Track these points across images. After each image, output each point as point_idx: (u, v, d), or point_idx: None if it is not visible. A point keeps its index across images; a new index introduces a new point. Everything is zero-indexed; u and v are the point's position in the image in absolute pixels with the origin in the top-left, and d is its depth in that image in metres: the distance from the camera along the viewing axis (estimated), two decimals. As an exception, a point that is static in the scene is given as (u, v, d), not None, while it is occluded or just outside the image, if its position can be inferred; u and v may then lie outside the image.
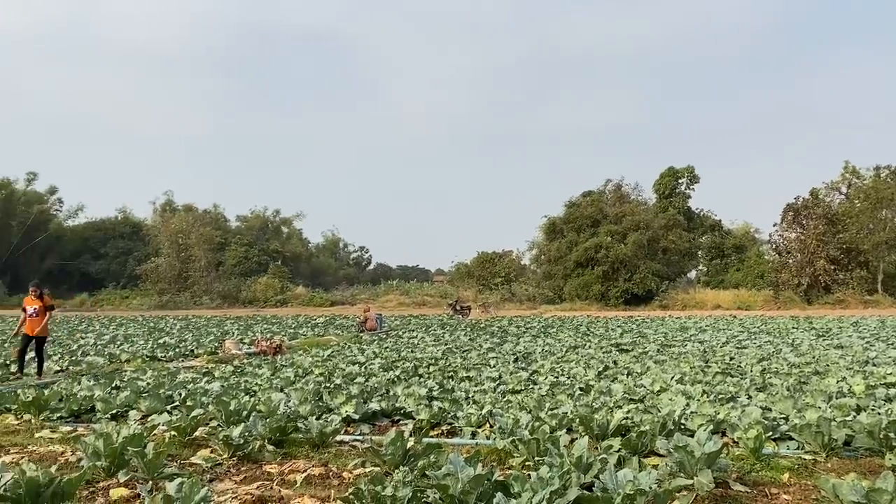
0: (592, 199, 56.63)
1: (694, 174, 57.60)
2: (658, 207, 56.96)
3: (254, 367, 13.94)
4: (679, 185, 58.07)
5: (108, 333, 25.71)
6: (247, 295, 58.73)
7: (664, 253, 53.58)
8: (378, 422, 8.53)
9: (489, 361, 14.26)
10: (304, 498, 5.45)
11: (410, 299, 55.99)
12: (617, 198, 57.60)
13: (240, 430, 6.89)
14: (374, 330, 25.77)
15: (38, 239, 74.53)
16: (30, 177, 76.81)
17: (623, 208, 55.25)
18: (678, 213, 55.91)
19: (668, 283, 52.38)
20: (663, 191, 57.91)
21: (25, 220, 73.50)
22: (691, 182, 58.00)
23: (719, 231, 59.43)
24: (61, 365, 14.80)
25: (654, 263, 51.36)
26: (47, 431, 8.24)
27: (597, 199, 56.75)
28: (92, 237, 78.32)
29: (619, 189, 58.41)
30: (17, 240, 72.98)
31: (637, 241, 50.71)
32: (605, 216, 54.77)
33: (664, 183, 57.86)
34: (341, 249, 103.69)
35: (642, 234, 51.31)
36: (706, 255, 59.11)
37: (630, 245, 50.68)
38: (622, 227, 52.68)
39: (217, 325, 31.87)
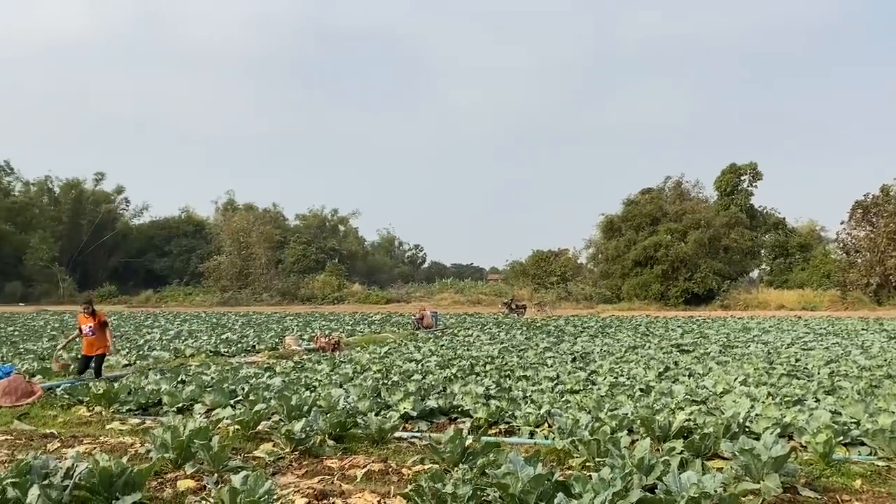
0: (651, 196, 55.59)
1: (757, 171, 56.02)
2: (719, 205, 55.57)
3: (313, 363, 14.17)
4: (741, 182, 56.54)
5: (172, 329, 26.47)
6: (305, 292, 59.63)
7: (725, 252, 52.24)
8: (435, 419, 8.56)
9: (546, 361, 14.17)
10: (365, 493, 5.50)
11: (465, 298, 55.97)
12: (677, 195, 56.38)
13: (301, 424, 7.00)
14: (430, 328, 25.87)
15: (105, 237, 77.26)
16: (98, 177, 79.74)
17: (683, 206, 54.06)
18: (740, 210, 54.45)
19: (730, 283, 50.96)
20: (725, 188, 56.46)
21: (94, 218, 76.30)
22: (754, 179, 56.40)
23: (783, 229, 57.63)
24: (129, 359, 15.28)
25: (716, 262, 50.14)
26: (117, 423, 8.54)
27: (656, 196, 55.67)
28: (156, 235, 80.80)
29: (678, 186, 57.17)
30: (86, 238, 75.80)
31: (698, 240, 49.59)
32: (664, 214, 53.70)
33: (726, 180, 56.41)
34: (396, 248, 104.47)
35: (703, 233, 50.14)
36: (769, 254, 57.38)
37: (690, 243, 49.59)
38: (682, 225, 51.57)
39: (277, 321, 32.47)
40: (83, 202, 77.39)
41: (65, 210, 76.93)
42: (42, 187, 79.43)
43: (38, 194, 79.46)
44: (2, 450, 7.13)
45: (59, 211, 77.14)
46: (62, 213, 76.69)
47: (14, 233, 69.89)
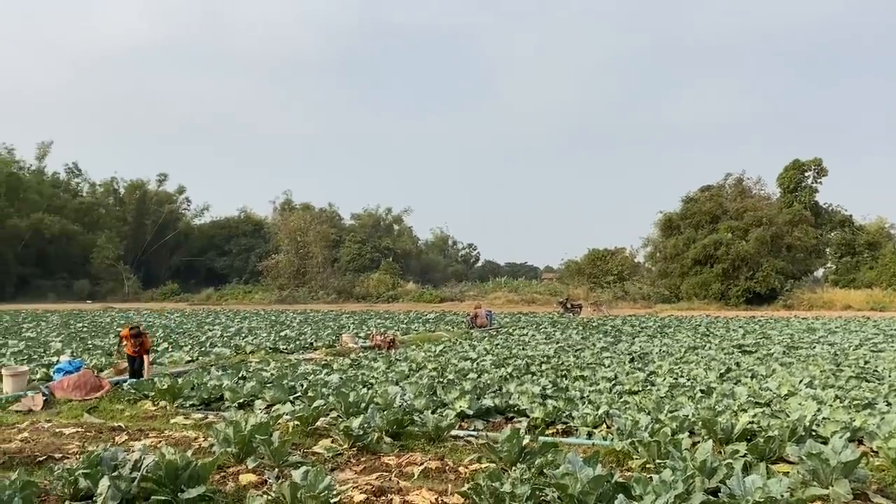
0: (711, 193, 54.38)
1: (821, 167, 54.25)
2: (782, 202, 54.02)
3: (369, 361, 14.30)
4: (805, 178, 54.86)
5: (233, 326, 27.06)
6: (360, 290, 60.26)
7: (789, 250, 50.75)
8: (491, 418, 8.53)
9: (603, 361, 13.99)
10: (423, 491, 5.52)
11: (519, 297, 55.71)
12: (738, 192, 54.98)
13: (359, 421, 7.07)
14: (485, 326, 25.84)
15: (168, 237, 79.54)
16: (160, 178, 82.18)
17: (744, 203, 52.68)
18: (804, 207, 52.84)
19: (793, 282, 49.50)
20: (788, 185, 54.85)
21: (157, 218, 78.64)
22: (818, 175, 54.65)
23: (850, 227, 55.64)
24: (192, 355, 15.67)
25: (778, 261, 48.74)
26: (181, 418, 8.77)
27: (716, 193, 54.42)
28: (217, 235, 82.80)
29: (739, 183, 55.73)
30: (150, 237, 78.16)
31: (760, 238, 48.30)
32: (724, 212, 52.47)
33: (789, 176, 54.80)
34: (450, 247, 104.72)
35: (765, 231, 48.79)
36: (835, 253, 55.49)
37: (752, 242, 48.34)
38: (743, 223, 50.28)
39: (333, 319, 32.90)
40: (147, 202, 79.84)
41: (129, 210, 79.50)
42: (108, 188, 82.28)
43: (104, 195, 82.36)
44: (73, 441, 7.39)
45: (124, 211, 79.75)
46: (127, 214, 79.28)
47: (82, 232, 72.57)
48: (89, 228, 74.15)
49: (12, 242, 67.28)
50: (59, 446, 7.16)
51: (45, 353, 15.96)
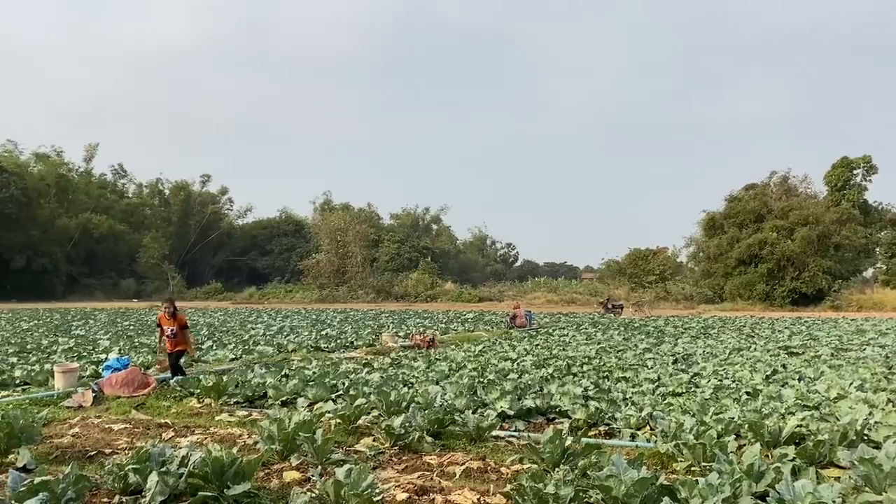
0: (756, 192, 53.39)
1: (871, 164, 52.85)
2: (830, 200, 52.74)
3: (409, 360, 14.34)
4: (854, 176, 53.50)
5: (275, 325, 27.41)
6: (399, 290, 60.62)
7: (836, 249, 49.54)
8: (532, 419, 8.49)
9: (646, 362, 13.81)
10: (465, 490, 5.51)
11: (559, 297, 55.42)
12: (783, 191, 53.86)
13: (400, 420, 7.09)
14: (524, 327, 25.73)
15: (211, 237, 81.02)
16: (204, 178, 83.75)
17: (790, 202, 51.60)
18: (852, 206, 51.55)
19: (841, 282, 48.30)
20: (836, 183, 53.54)
21: (201, 219, 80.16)
22: (868, 173, 53.26)
23: (901, 226, 54.14)
24: (235, 353, 15.91)
25: (825, 261, 47.62)
26: (225, 415, 8.90)
27: (760, 192, 53.41)
28: (259, 235, 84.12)
29: (785, 181, 54.59)
30: (194, 237, 79.66)
31: (806, 237, 47.25)
32: (769, 210, 51.47)
33: (836, 174, 53.50)
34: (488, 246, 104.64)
35: (812, 230, 47.71)
36: (885, 252, 53.97)
37: (798, 241, 47.32)
38: (789, 222, 49.26)
39: (373, 318, 33.11)
40: (191, 203, 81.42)
41: (174, 211, 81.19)
42: (153, 189, 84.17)
43: (149, 196, 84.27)
44: (122, 437, 7.55)
45: (168, 212, 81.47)
46: (172, 214, 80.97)
47: (129, 232, 74.32)
48: (135, 228, 75.99)
49: (62, 242, 69.26)
50: (108, 442, 7.33)
51: (93, 351, 16.35)
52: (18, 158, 71.20)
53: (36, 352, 16.37)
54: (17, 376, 11.83)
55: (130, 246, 73.75)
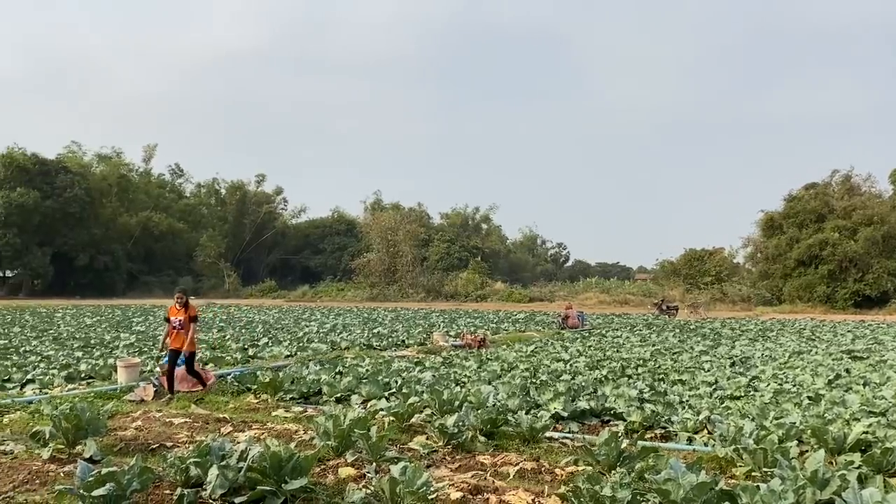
0: (817, 191, 51.79)
1: (940, 162, 50.73)
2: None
3: (461, 359, 14.36)
4: (922, 174, 51.43)
5: (328, 323, 27.76)
6: (448, 289, 60.69)
7: (902, 250, 47.74)
8: (586, 421, 8.41)
9: (703, 365, 13.55)
10: (519, 491, 5.49)
11: (611, 297, 54.69)
12: (845, 190, 52.09)
13: (454, 419, 7.10)
14: (576, 327, 25.50)
15: (265, 236, 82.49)
16: (259, 178, 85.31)
17: (853, 201, 49.89)
18: (920, 206, 49.56)
19: (908, 285, 46.53)
20: (902, 181, 51.59)
21: (256, 218, 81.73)
22: (937, 171, 51.15)
23: (974, 226, 51.84)
24: (290, 350, 16.16)
25: (891, 262, 45.89)
26: (282, 411, 9.06)
27: (822, 191, 51.78)
28: (312, 234, 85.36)
29: (847, 180, 52.78)
30: (249, 236, 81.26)
31: (870, 238, 45.62)
32: (831, 210, 49.88)
33: (903, 172, 51.53)
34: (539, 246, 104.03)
35: (876, 230, 46.03)
36: (955, 254, 51.83)
37: (861, 241, 45.72)
38: (852, 222, 47.63)
39: (423, 317, 33.24)
40: (246, 202, 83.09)
41: (230, 210, 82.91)
42: (210, 189, 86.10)
43: (206, 195, 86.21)
44: (182, 431, 7.75)
45: (224, 211, 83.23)
46: (227, 213, 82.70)
47: (186, 231, 76.23)
48: (193, 227, 77.85)
49: (123, 240, 71.42)
50: (169, 435, 7.52)
51: (153, 347, 16.81)
52: (82, 159, 73.69)
53: (99, 347, 16.92)
54: (82, 370, 12.25)
55: (188, 244, 75.65)
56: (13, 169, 61.97)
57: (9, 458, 6.49)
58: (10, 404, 9.14)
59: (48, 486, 5.58)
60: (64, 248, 64.58)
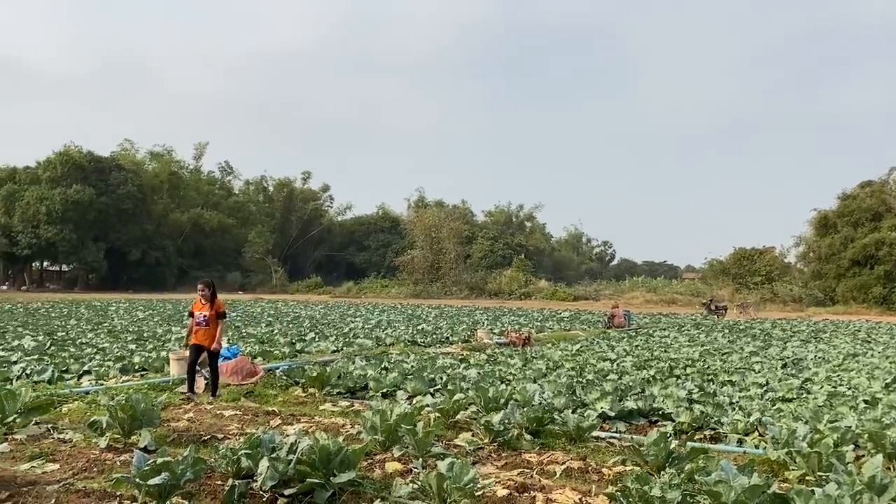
0: (873, 189, 50.32)
1: None
2: (957, 199, 49.10)
3: (505, 357, 14.33)
4: None
5: (372, 318, 27.98)
6: (492, 287, 60.62)
7: (964, 251, 46.06)
8: (634, 421, 8.32)
9: (753, 366, 13.29)
10: (566, 490, 5.45)
11: (658, 297, 53.95)
12: (903, 188, 50.56)
13: (499, 417, 7.09)
14: (623, 327, 25.21)
15: (312, 232, 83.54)
16: (305, 175, 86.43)
17: (911, 200, 48.40)
18: (984, 204, 47.79)
19: (969, 287, 44.89)
20: (964, 179, 49.79)
21: (302, 215, 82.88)
22: None
23: None
24: (336, 345, 16.33)
25: (951, 263, 44.37)
26: (329, 405, 9.16)
27: (878, 189, 50.28)
28: (356, 231, 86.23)
29: (905, 178, 51.21)
30: (296, 233, 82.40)
31: (929, 237, 44.20)
32: (888, 209, 48.42)
33: (966, 169, 49.72)
34: (584, 244, 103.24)
35: (936, 230, 44.60)
36: None
37: (920, 241, 44.31)
38: (911, 221, 46.21)
39: (467, 314, 33.26)
40: (293, 199, 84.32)
41: (277, 207, 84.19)
42: (258, 186, 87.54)
43: (255, 192, 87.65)
44: (233, 423, 7.90)
45: (272, 208, 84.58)
46: (275, 210, 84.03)
47: (235, 227, 77.67)
48: (241, 223, 79.29)
49: (174, 236, 73.13)
50: (220, 427, 7.67)
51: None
52: (135, 157, 75.70)
53: (152, 339, 17.34)
54: (136, 362, 12.57)
55: (237, 240, 77.06)
56: (70, 166, 63.93)
57: (68, 446, 6.70)
58: (68, 394, 9.43)
59: (105, 474, 5.75)
60: (117, 243, 66.41)
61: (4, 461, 6.10)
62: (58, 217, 61.51)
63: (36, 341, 16.11)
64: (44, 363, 12.11)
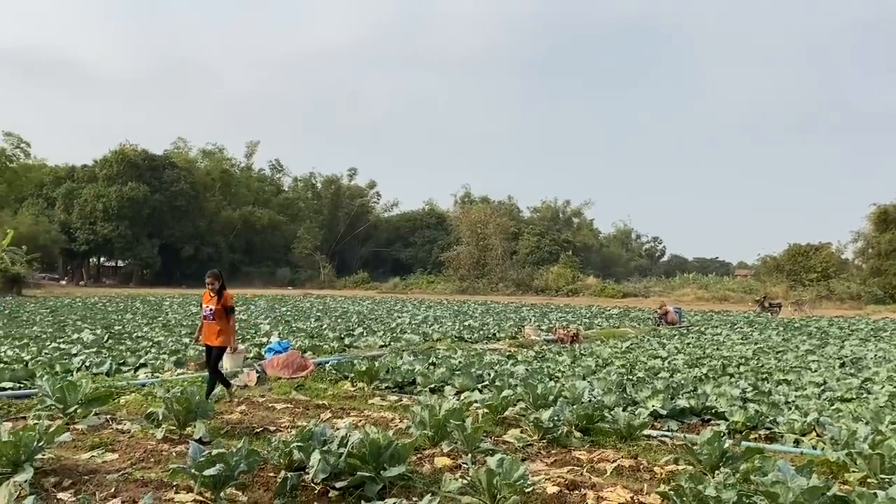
0: (935, 183, 48.54)
1: None
2: None
3: (553, 354, 14.23)
4: None
5: (419, 314, 28.09)
6: (538, 283, 60.27)
7: None
8: (686, 419, 8.17)
9: (809, 365, 12.93)
10: (617, 488, 5.39)
11: (709, 294, 52.91)
12: (969, 181, 48.67)
13: (549, 413, 7.05)
14: (674, 324, 24.81)
15: (359, 229, 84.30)
16: (351, 172, 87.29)
17: (977, 194, 46.51)
18: None
19: None
20: None
21: (350, 211, 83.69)
22: None
23: None
24: (384, 341, 16.45)
25: None
26: (378, 399, 9.23)
27: (941, 182, 48.50)
28: (403, 227, 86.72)
29: (971, 171, 49.27)
30: (343, 229, 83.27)
31: None
32: (952, 202, 46.67)
33: None
34: (633, 240, 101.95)
35: None
36: None
37: None
38: (976, 216, 44.46)
39: (514, 311, 33.15)
40: (340, 196, 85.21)
41: (325, 203, 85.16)
42: (307, 183, 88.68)
43: (303, 189, 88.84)
44: (284, 416, 8.02)
45: (320, 204, 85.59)
46: (323, 206, 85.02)
47: (285, 223, 78.91)
48: (290, 220, 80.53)
49: (225, 232, 74.61)
50: (272, 420, 7.80)
51: (255, 335, 17.46)
52: (188, 155, 77.52)
53: (205, 334, 17.68)
54: (190, 356, 12.85)
55: (286, 237, 78.26)
56: (125, 165, 65.78)
57: (126, 437, 6.89)
58: (125, 386, 9.70)
59: (162, 465, 5.90)
60: (171, 239, 68.08)
61: (67, 449, 6.31)
62: (114, 214, 63.37)
63: (94, 335, 16.61)
64: (102, 356, 12.48)
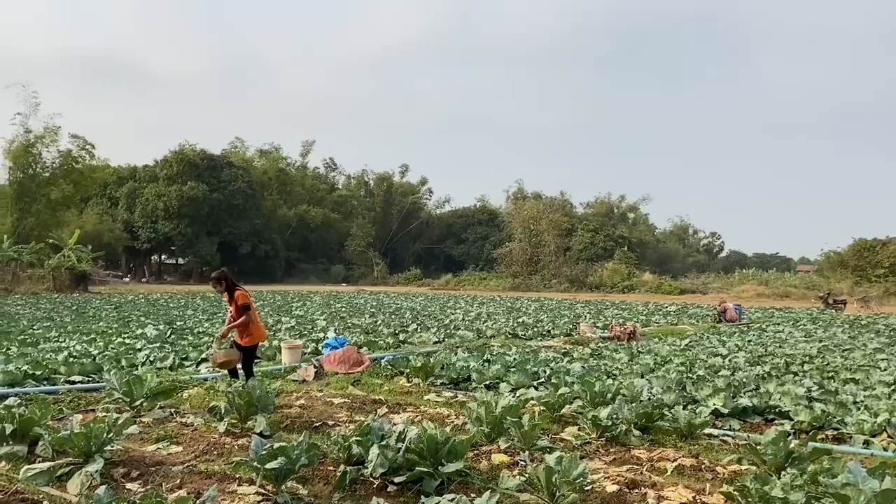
0: None
1: None
2: None
3: (610, 351, 14.05)
4: None
5: (472, 311, 28.09)
6: (593, 280, 59.57)
7: None
8: (748, 418, 7.98)
9: (878, 363, 12.46)
10: (679, 487, 5.30)
11: (770, 290, 51.50)
12: None
13: (607, 411, 6.97)
14: (734, 321, 24.24)
15: (411, 225, 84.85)
16: (402, 169, 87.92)
17: None
18: None
19: None
20: None
21: (402, 208, 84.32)
22: None
23: None
24: (438, 337, 16.50)
25: None
26: (433, 395, 9.27)
27: None
28: (454, 224, 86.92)
29: None
30: (395, 226, 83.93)
31: None
32: None
33: None
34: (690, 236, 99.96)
35: None
36: None
37: None
38: None
39: (568, 308, 32.85)
40: (392, 193, 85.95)
41: (377, 200, 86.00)
42: (360, 180, 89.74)
43: (356, 187, 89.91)
44: (342, 411, 8.12)
45: (373, 202, 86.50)
46: (375, 204, 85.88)
47: (338, 220, 79.98)
48: (344, 217, 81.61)
49: (281, 230, 76.02)
50: (330, 414, 7.91)
51: (312, 330, 17.72)
52: (245, 154, 79.23)
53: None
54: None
55: (340, 234, 79.33)
56: (185, 164, 67.58)
57: (190, 430, 7.08)
58: (188, 380, 9.96)
59: (225, 457, 6.04)
60: (229, 237, 69.67)
61: (134, 442, 6.51)
62: (174, 213, 65.20)
63: (157, 330, 17.10)
64: (165, 350, 12.84)
